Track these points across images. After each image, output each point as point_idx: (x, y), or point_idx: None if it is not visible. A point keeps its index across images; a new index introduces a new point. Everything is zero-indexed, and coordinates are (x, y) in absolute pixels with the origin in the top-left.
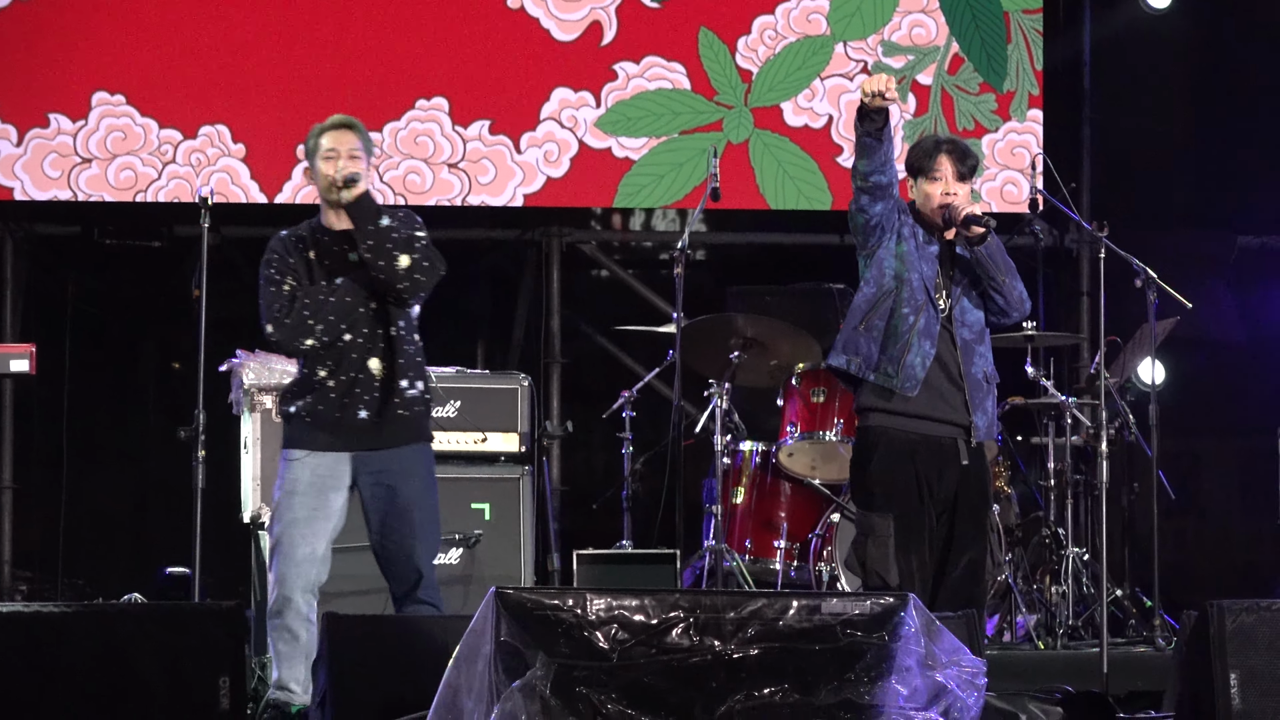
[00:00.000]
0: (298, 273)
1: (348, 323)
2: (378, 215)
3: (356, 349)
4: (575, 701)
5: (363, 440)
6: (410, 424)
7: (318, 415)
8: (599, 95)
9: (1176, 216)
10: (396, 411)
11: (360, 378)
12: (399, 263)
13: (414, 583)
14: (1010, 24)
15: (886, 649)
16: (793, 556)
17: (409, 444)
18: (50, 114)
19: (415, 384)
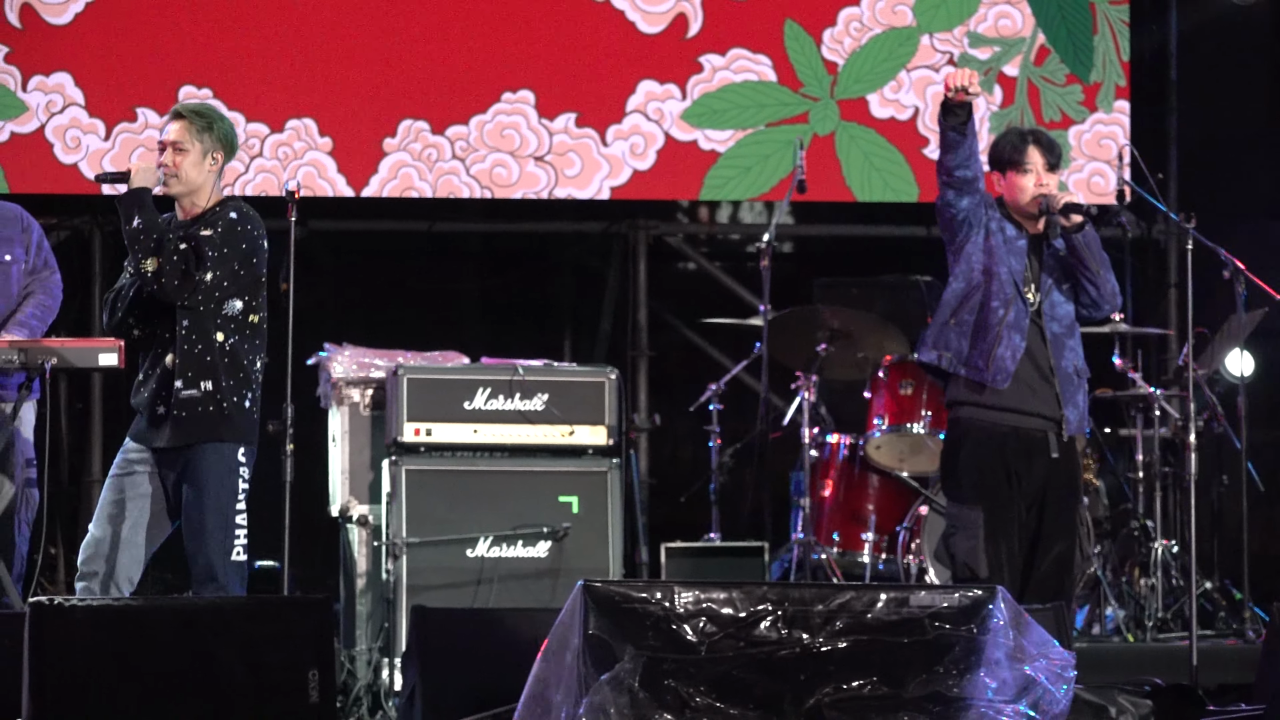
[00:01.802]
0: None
1: (157, 315)
2: (130, 216)
3: (160, 343)
4: (663, 694)
5: (154, 433)
6: (185, 425)
7: (135, 406)
8: (685, 88)
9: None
10: (172, 410)
11: (158, 371)
12: (145, 266)
13: (195, 580)
14: (1096, 15)
15: (975, 642)
16: (881, 549)
17: (188, 444)
18: (137, 108)
19: (197, 384)
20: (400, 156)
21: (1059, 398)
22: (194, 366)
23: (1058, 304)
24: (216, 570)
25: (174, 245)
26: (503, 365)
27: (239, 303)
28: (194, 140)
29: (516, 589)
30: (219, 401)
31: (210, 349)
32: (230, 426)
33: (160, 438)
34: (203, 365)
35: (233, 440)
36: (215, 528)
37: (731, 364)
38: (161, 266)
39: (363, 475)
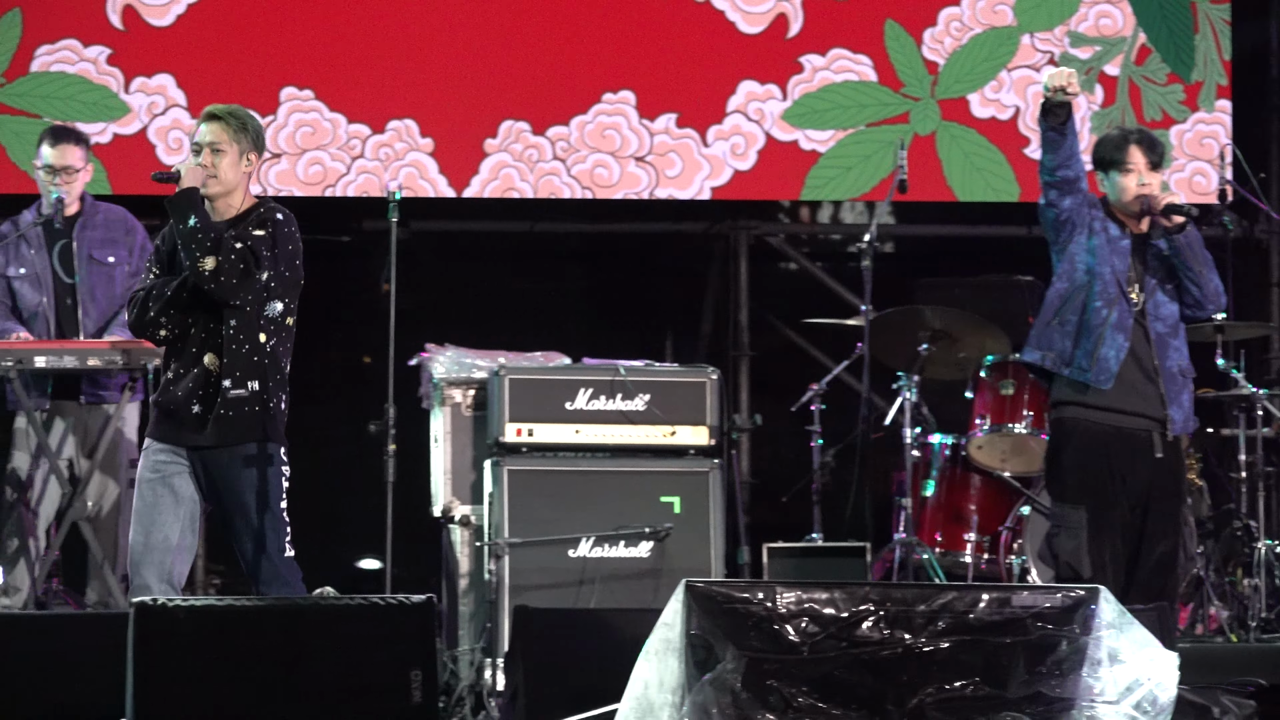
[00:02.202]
0: (163, 262)
1: (193, 316)
2: (186, 215)
3: (196, 343)
4: (766, 694)
5: (193, 434)
6: (233, 424)
7: (161, 405)
8: (785, 88)
9: None
10: (219, 410)
11: (195, 372)
12: (203, 265)
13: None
14: (1197, 14)
15: (1078, 642)
16: (983, 549)
17: (234, 444)
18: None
19: (244, 384)
20: (501, 157)
21: (1163, 398)
22: (241, 367)
23: (1162, 304)
24: (281, 569)
25: (231, 244)
26: (604, 365)
27: (280, 304)
28: (231, 141)
29: (618, 589)
30: (265, 401)
31: (256, 349)
32: (274, 426)
33: (201, 437)
34: (250, 365)
35: (275, 440)
36: (270, 527)
37: (833, 364)
38: (220, 265)
39: (465, 476)
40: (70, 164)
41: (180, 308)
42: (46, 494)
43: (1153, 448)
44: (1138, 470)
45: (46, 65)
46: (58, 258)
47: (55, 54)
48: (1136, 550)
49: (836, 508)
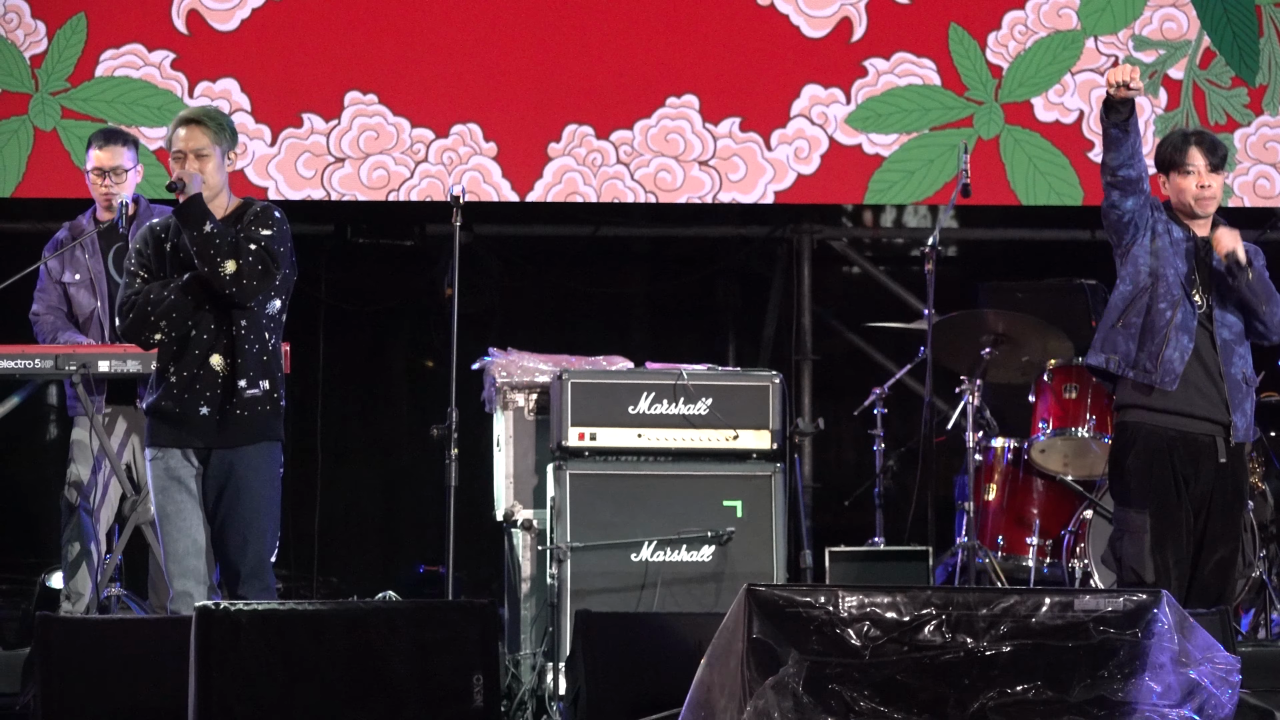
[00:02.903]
0: (150, 266)
1: (194, 318)
2: (201, 221)
3: (200, 345)
4: (828, 699)
5: (205, 436)
6: (248, 424)
7: (162, 411)
8: (849, 92)
9: None
10: (235, 411)
11: (201, 374)
12: (224, 269)
13: (236, 578)
14: (1263, 17)
15: (1140, 646)
16: (1045, 553)
17: (248, 444)
18: (303, 114)
19: (257, 384)
20: (565, 161)
21: (1227, 403)
22: (254, 366)
23: (1229, 310)
24: (265, 568)
25: (247, 246)
26: (667, 370)
27: (278, 302)
28: (213, 144)
29: (680, 593)
30: (275, 400)
31: (264, 349)
32: (281, 424)
33: (215, 439)
34: (261, 365)
35: (280, 439)
36: (268, 527)
37: (895, 368)
38: (241, 268)
39: (527, 480)
40: (120, 164)
41: (183, 312)
42: (107, 499)
43: (1216, 452)
44: (1201, 474)
45: (111, 70)
46: (112, 261)
47: (120, 59)
48: (1197, 554)
49: (899, 512)
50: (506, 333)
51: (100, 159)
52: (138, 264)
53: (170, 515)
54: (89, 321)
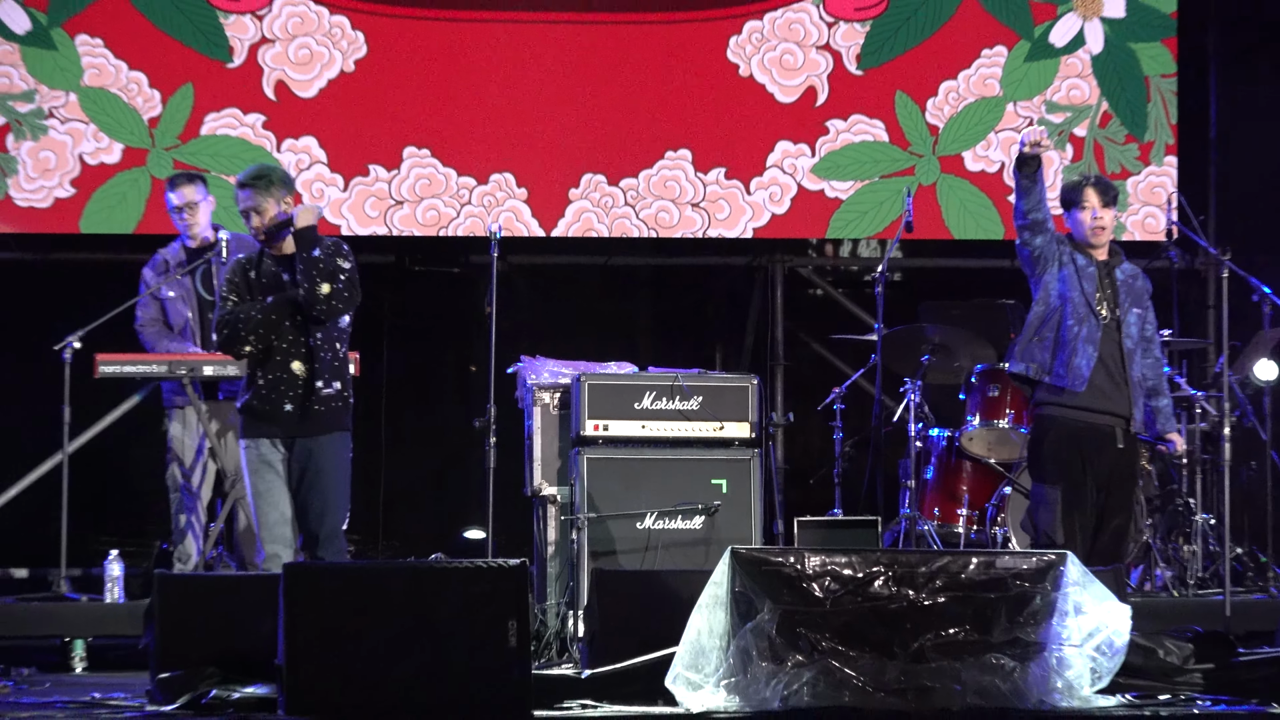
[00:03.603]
0: (239, 290)
1: (276, 333)
2: (313, 246)
3: (282, 353)
4: (796, 639)
5: (289, 428)
6: (324, 418)
7: (253, 408)
8: (814, 147)
9: None
10: (314, 407)
11: (284, 377)
12: (320, 289)
13: (315, 542)
14: (1150, 86)
15: (1049, 597)
16: (973, 522)
17: (324, 434)
18: (370, 165)
19: (331, 385)
20: (582, 204)
21: (1130, 400)
22: (329, 370)
23: (1131, 324)
24: (338, 535)
25: (340, 274)
26: (665, 373)
27: (346, 318)
28: (264, 199)
29: (677, 554)
30: (345, 398)
31: (336, 356)
32: (350, 418)
33: (296, 429)
34: (334, 369)
35: (349, 429)
36: (340, 502)
37: (852, 371)
38: (334, 291)
39: (552, 462)
40: (192, 200)
41: (268, 328)
42: (205, 478)
43: (1115, 440)
44: (1103, 458)
45: (213, 129)
46: (200, 281)
47: (220, 120)
48: (1099, 522)
49: (854, 488)
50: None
51: (174, 199)
52: (229, 290)
53: (262, 492)
54: (183, 329)
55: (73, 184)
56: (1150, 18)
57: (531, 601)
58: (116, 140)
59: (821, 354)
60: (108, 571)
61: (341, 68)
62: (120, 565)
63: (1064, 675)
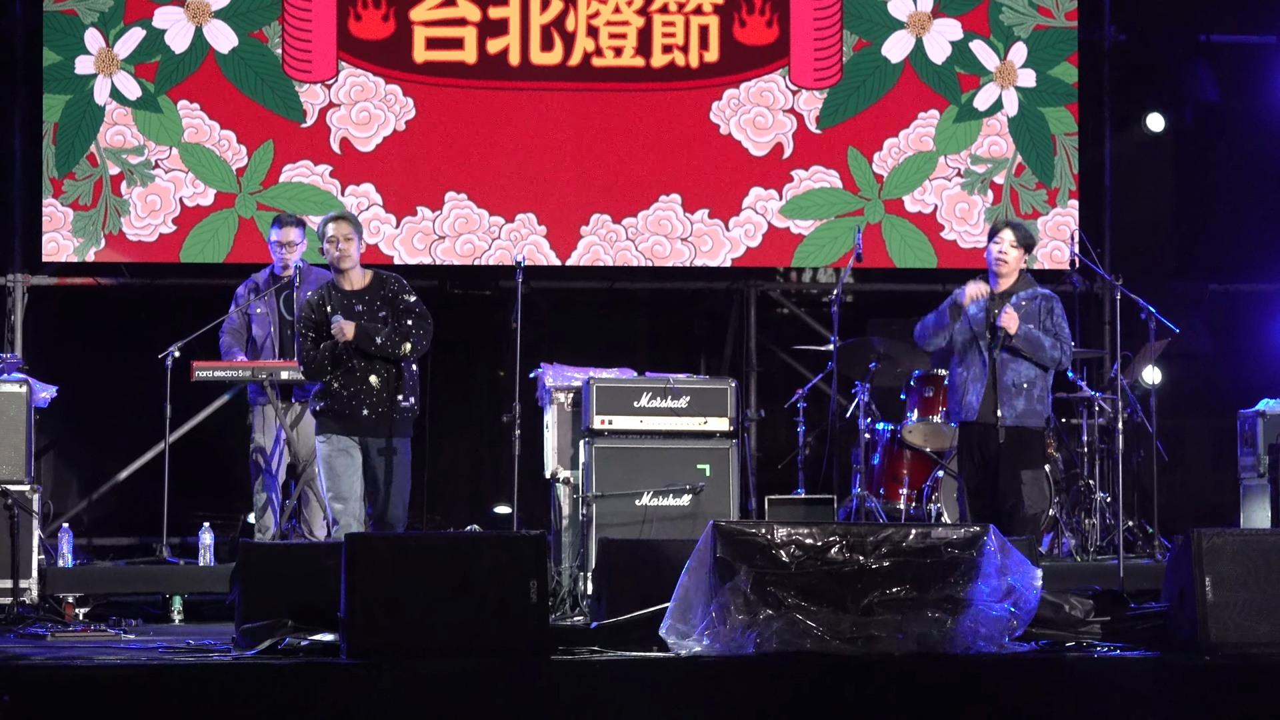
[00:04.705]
0: (316, 324)
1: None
2: (370, 343)
3: (359, 369)
4: (767, 596)
5: (366, 431)
6: (398, 425)
7: (335, 411)
8: (781, 191)
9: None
10: (392, 415)
11: (363, 389)
12: (401, 351)
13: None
14: (1056, 143)
15: (975, 561)
16: (912, 500)
17: (397, 438)
18: (417, 206)
19: (408, 399)
20: (591, 238)
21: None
22: (404, 388)
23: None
24: (401, 519)
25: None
26: (659, 378)
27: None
28: (354, 233)
29: (669, 527)
30: (416, 411)
31: (409, 375)
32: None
33: (372, 432)
34: (408, 387)
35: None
36: (405, 493)
37: (812, 376)
38: (414, 345)
39: (566, 451)
40: (292, 240)
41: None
42: (281, 464)
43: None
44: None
45: (290, 177)
46: (282, 303)
47: (295, 170)
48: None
49: (814, 472)
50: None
51: (279, 236)
52: (305, 327)
53: (338, 475)
54: (263, 341)
55: (174, 222)
56: (1056, 87)
57: (549, 565)
58: (210, 186)
59: (787, 362)
60: (201, 540)
61: (395, 127)
62: (211, 535)
63: (987, 626)
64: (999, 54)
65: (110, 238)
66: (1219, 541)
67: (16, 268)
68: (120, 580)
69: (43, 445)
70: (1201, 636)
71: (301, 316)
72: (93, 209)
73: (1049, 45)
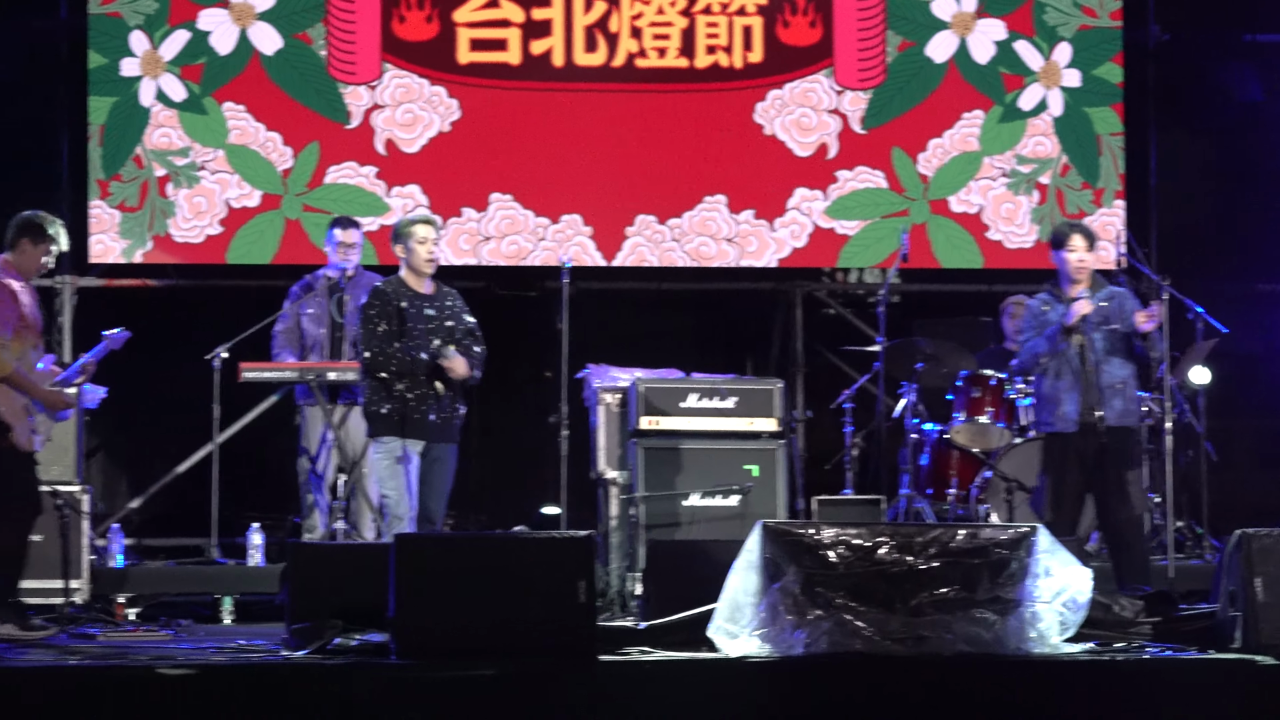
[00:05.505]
0: (386, 314)
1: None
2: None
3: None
4: (815, 596)
5: (427, 434)
6: (454, 430)
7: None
8: (826, 192)
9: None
10: (452, 421)
11: (429, 394)
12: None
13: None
14: (1101, 143)
15: (1024, 562)
16: (960, 501)
17: (452, 442)
18: (463, 208)
19: (463, 406)
20: (637, 239)
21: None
22: (460, 396)
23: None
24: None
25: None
26: (706, 378)
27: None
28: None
29: (716, 527)
30: (466, 417)
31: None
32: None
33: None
34: (463, 396)
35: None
36: (448, 493)
37: (859, 376)
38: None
39: (614, 451)
40: (353, 242)
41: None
42: (329, 465)
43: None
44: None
45: (335, 179)
46: (335, 305)
47: (341, 171)
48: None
49: (862, 472)
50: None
51: (343, 237)
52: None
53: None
54: (315, 342)
55: (220, 223)
56: (1101, 87)
57: (597, 566)
58: (256, 188)
59: (834, 362)
60: (250, 541)
61: (440, 128)
62: (260, 535)
63: (1037, 627)
64: (1043, 54)
65: (157, 239)
66: (1269, 542)
67: (64, 269)
68: (170, 581)
69: (93, 446)
70: (1252, 637)
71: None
72: (139, 210)
73: (1093, 45)
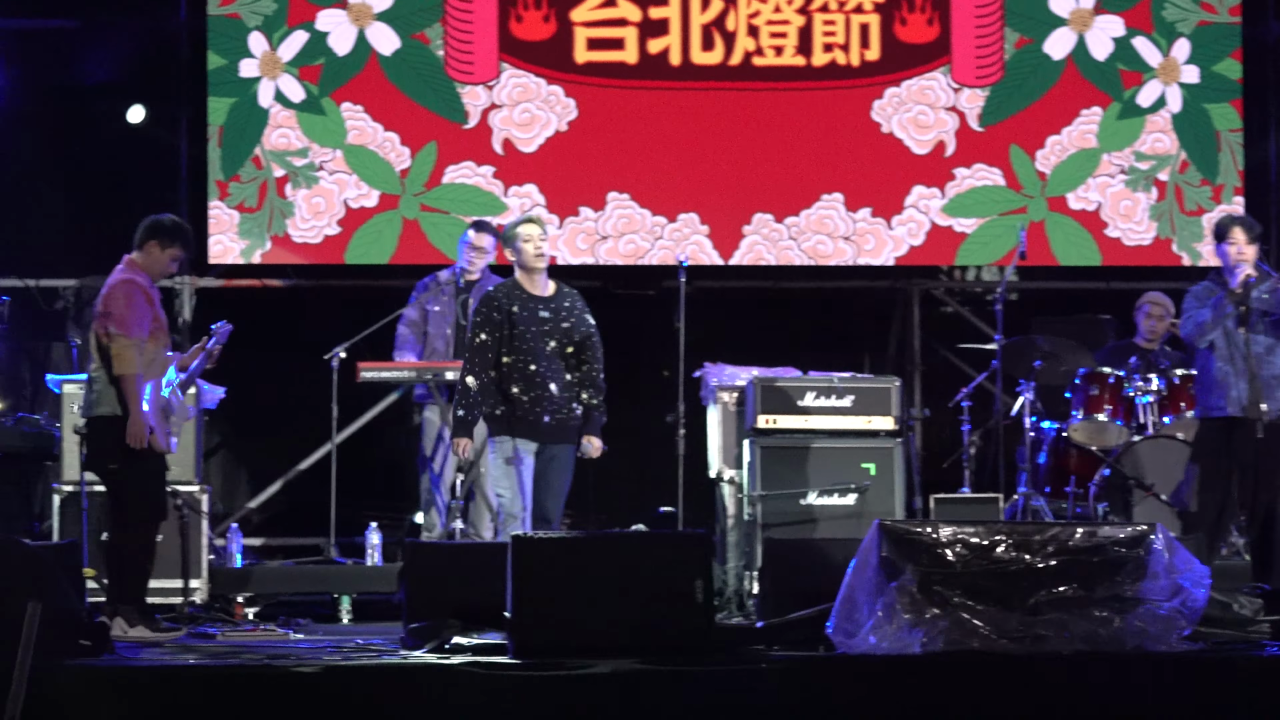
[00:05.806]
0: (493, 322)
1: (534, 358)
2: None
3: (541, 376)
4: (932, 595)
5: (542, 435)
6: (571, 430)
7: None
8: (944, 190)
9: None
10: (569, 422)
11: (545, 395)
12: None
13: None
14: (1220, 139)
15: (1142, 560)
16: (1078, 499)
17: (567, 443)
18: (580, 207)
19: (577, 406)
20: (754, 238)
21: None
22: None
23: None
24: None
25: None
26: (823, 376)
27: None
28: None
29: (834, 526)
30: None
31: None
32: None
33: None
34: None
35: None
36: (565, 493)
37: (976, 375)
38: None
39: (730, 450)
40: (485, 246)
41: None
42: (447, 464)
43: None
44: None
45: (453, 179)
46: (459, 305)
47: (458, 171)
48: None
49: (980, 471)
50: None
51: (475, 240)
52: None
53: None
54: (438, 337)
55: (338, 223)
56: (1220, 84)
57: (714, 564)
58: (374, 188)
59: (951, 360)
60: (368, 540)
61: (557, 128)
62: (379, 535)
63: (1155, 625)
64: (1162, 50)
65: (275, 239)
66: None
67: (184, 270)
68: (288, 580)
69: (212, 446)
70: None
71: (481, 310)
72: (258, 211)
73: (1212, 41)
